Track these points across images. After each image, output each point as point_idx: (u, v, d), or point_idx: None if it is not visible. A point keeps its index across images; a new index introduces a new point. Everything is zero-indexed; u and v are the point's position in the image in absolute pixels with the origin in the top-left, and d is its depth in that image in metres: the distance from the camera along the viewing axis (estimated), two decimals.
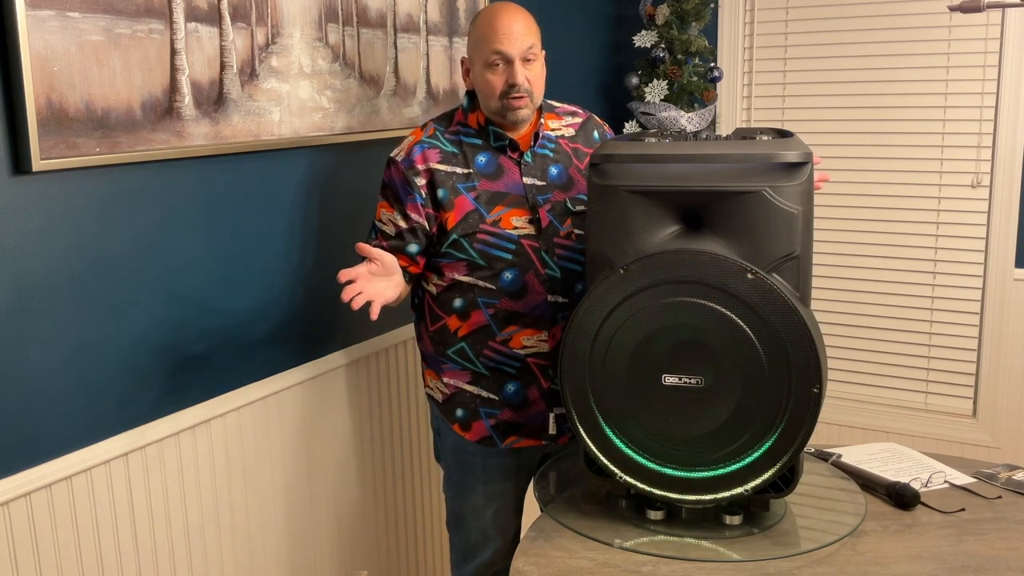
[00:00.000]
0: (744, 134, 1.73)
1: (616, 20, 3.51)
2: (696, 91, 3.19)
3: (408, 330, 2.42)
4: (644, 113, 3.19)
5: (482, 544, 2.10)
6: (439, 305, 2.00)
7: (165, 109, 1.77)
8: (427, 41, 2.46)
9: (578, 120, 2.08)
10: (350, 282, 1.74)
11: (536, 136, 1.98)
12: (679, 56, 3.18)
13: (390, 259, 1.82)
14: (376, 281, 1.80)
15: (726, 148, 1.60)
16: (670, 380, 1.58)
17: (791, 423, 1.54)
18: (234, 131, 1.92)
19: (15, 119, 1.54)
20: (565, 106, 2.11)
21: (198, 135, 1.85)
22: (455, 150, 1.95)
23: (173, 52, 1.78)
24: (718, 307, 1.54)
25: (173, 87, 1.79)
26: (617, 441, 1.63)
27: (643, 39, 3.20)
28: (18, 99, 1.53)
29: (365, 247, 1.77)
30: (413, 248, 1.94)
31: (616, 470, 1.64)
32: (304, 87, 2.09)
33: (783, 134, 1.71)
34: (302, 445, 2.18)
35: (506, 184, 1.94)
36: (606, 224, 1.63)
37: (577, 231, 1.96)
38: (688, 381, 1.57)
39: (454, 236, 1.91)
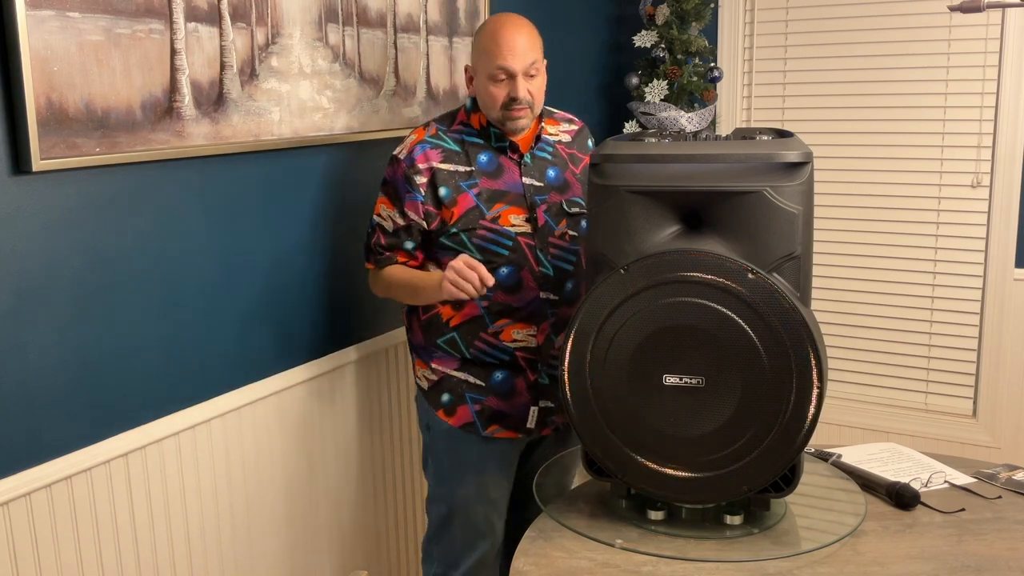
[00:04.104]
0: (744, 134, 1.73)
1: (616, 20, 3.51)
2: (696, 91, 3.19)
3: (402, 332, 2.42)
4: (644, 113, 3.19)
5: (469, 547, 2.09)
6: None
7: (165, 109, 1.77)
8: (427, 41, 2.46)
9: (574, 128, 2.16)
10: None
11: (537, 139, 2.06)
12: (679, 56, 3.18)
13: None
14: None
15: (726, 148, 1.60)
16: (671, 380, 1.58)
17: (792, 423, 1.54)
18: (234, 131, 1.92)
19: (15, 119, 1.54)
20: (563, 113, 2.19)
21: (198, 135, 1.84)
22: (457, 148, 2.01)
23: (173, 52, 1.78)
24: (719, 307, 1.54)
25: (173, 87, 1.79)
26: (618, 441, 1.63)
27: (643, 39, 3.20)
28: (18, 99, 1.53)
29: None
30: (409, 245, 2.03)
31: (617, 471, 1.64)
32: (304, 87, 2.09)
33: (783, 134, 1.71)
34: (302, 445, 2.18)
35: (506, 183, 2.01)
36: (606, 224, 1.63)
37: (571, 232, 2.03)
38: (689, 381, 1.57)
39: (454, 230, 1.97)
